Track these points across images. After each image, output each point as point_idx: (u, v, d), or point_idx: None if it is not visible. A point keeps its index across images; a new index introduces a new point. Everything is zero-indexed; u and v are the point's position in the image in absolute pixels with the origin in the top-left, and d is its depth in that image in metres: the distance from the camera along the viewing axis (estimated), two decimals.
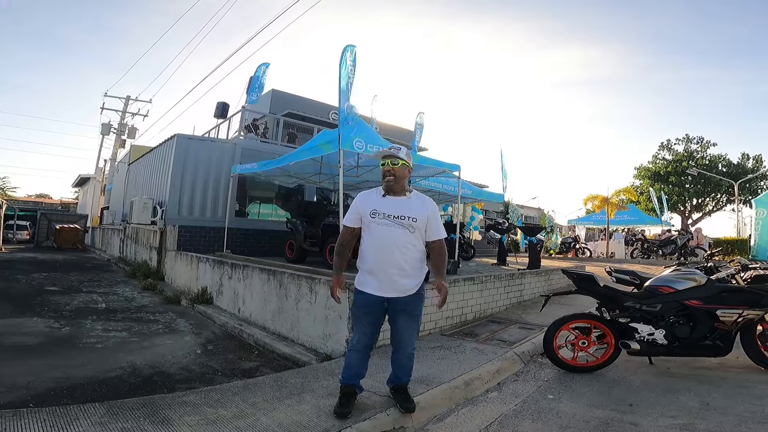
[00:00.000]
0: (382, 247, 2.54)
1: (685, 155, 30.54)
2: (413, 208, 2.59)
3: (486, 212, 22.31)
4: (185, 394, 2.93)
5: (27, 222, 23.56)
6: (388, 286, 2.55)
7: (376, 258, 2.57)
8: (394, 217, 2.55)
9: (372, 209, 2.59)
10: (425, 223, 2.59)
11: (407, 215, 2.56)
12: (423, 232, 2.60)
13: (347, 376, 2.71)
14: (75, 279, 9.60)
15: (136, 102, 26.28)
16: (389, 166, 2.59)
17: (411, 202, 2.62)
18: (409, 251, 2.57)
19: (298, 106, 14.69)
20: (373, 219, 2.57)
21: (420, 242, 2.63)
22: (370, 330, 2.66)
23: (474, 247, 11.09)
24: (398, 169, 2.60)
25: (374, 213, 2.57)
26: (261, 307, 5.59)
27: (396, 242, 2.53)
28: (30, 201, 34.81)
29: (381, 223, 2.55)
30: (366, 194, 2.72)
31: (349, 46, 5.82)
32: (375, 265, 2.57)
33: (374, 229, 2.57)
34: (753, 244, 13.75)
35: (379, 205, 2.59)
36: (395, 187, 2.61)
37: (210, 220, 9.51)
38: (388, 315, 2.64)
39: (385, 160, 2.60)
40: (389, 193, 2.63)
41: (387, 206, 2.58)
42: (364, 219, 2.61)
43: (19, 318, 5.64)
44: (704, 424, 2.75)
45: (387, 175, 2.59)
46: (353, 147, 5.47)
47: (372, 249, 2.58)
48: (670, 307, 3.69)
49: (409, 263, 2.58)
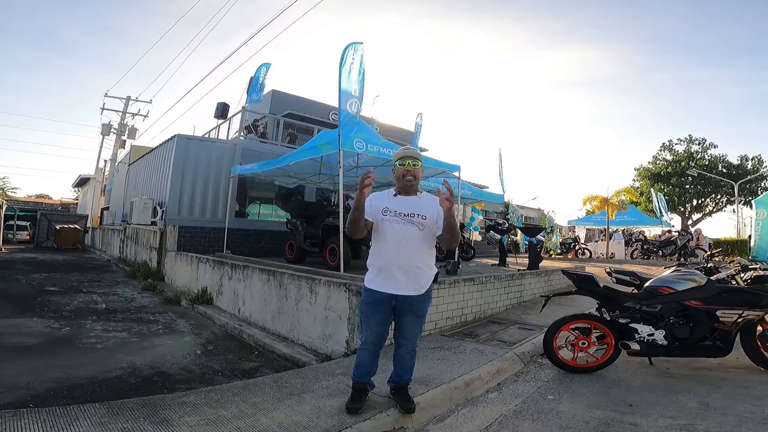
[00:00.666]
0: (393, 245, 2.57)
1: (685, 156, 30.57)
2: (423, 206, 2.63)
3: (486, 213, 22.30)
4: (185, 395, 2.93)
5: (27, 222, 23.56)
6: (398, 284, 2.58)
7: (386, 256, 2.60)
8: (405, 215, 2.60)
9: (384, 207, 2.63)
10: (435, 219, 2.61)
11: (417, 213, 2.60)
12: (433, 229, 2.62)
13: (358, 374, 2.75)
14: (75, 279, 9.60)
15: (136, 102, 26.31)
16: (410, 166, 2.63)
17: (422, 201, 2.66)
18: (419, 249, 2.61)
19: (298, 106, 14.70)
20: (385, 216, 2.61)
21: (431, 240, 2.66)
22: (378, 328, 2.68)
23: (474, 248, 11.08)
24: (418, 170, 2.66)
25: (386, 211, 2.62)
26: (261, 307, 5.59)
27: (407, 240, 2.57)
28: (30, 201, 34.84)
29: (392, 221, 2.60)
30: (378, 194, 2.76)
31: (351, 44, 5.81)
32: (385, 263, 2.60)
33: (385, 227, 2.61)
34: (753, 245, 13.76)
35: (390, 204, 2.64)
36: (413, 188, 2.66)
37: (210, 221, 9.51)
38: (394, 313, 2.65)
39: (406, 160, 2.64)
40: (403, 193, 2.67)
41: (398, 205, 2.63)
42: (376, 216, 2.63)
43: (19, 318, 5.64)
44: (704, 425, 2.74)
45: (407, 175, 2.63)
46: (353, 147, 5.48)
47: (383, 247, 2.62)
48: (670, 308, 3.68)
49: (420, 261, 2.61)
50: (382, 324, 2.68)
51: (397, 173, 2.67)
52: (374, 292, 2.64)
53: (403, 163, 2.64)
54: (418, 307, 2.64)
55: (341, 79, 5.69)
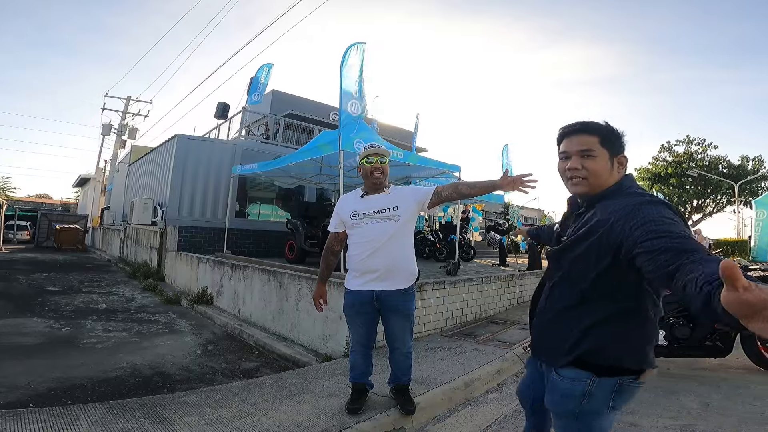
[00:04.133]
0: (368, 246, 2.50)
1: (685, 157, 30.56)
2: (392, 200, 2.55)
3: (486, 213, 22.28)
4: (185, 395, 2.93)
5: (27, 222, 23.57)
6: (379, 282, 2.52)
7: (362, 257, 2.53)
8: (375, 212, 2.52)
9: (352, 211, 2.55)
10: (409, 203, 2.55)
11: (389, 207, 2.52)
12: (412, 214, 2.56)
13: (354, 375, 2.74)
14: (75, 279, 9.60)
15: (136, 102, 26.32)
16: (378, 163, 2.55)
17: (390, 196, 2.58)
18: (397, 244, 2.52)
19: (299, 106, 14.71)
20: (354, 220, 2.54)
21: (407, 233, 2.59)
22: (364, 329, 2.64)
23: (474, 248, 11.09)
24: (386, 166, 2.59)
25: (354, 215, 2.54)
26: (261, 307, 5.59)
27: (380, 238, 2.49)
28: (30, 201, 34.80)
29: (363, 222, 2.52)
30: (344, 198, 2.70)
31: (354, 44, 5.81)
32: (362, 264, 2.53)
33: (357, 230, 2.54)
34: (753, 246, 13.75)
35: (358, 207, 2.56)
36: (381, 185, 2.58)
37: (210, 221, 9.51)
38: (381, 315, 2.62)
39: (373, 158, 2.56)
40: (371, 191, 2.59)
41: (366, 205, 2.55)
42: (346, 222, 2.58)
43: (19, 318, 5.64)
44: (704, 425, 2.75)
45: (375, 172, 2.54)
46: (354, 148, 5.47)
47: (357, 249, 2.55)
48: (671, 308, 3.69)
49: (399, 257, 2.54)
50: (368, 324, 2.64)
51: (365, 171, 2.57)
52: (355, 293, 2.58)
53: (371, 160, 2.55)
54: (403, 305, 2.58)
55: (342, 79, 5.68)
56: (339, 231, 2.65)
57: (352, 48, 5.78)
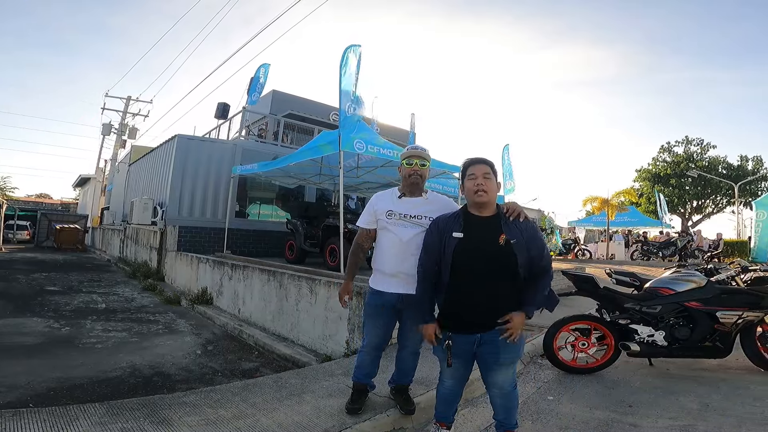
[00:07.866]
0: (400, 248, 2.49)
1: (684, 157, 30.57)
2: (429, 207, 2.53)
3: None
4: (185, 395, 2.93)
5: (27, 222, 23.56)
6: (404, 284, 2.50)
7: (391, 259, 2.52)
8: (411, 217, 2.50)
9: (388, 210, 2.54)
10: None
11: (424, 215, 2.50)
12: None
13: (358, 375, 2.72)
14: (75, 279, 9.60)
15: (136, 102, 26.37)
16: (417, 166, 2.54)
17: (428, 201, 2.57)
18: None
19: (299, 106, 14.70)
20: (389, 220, 2.52)
21: None
22: (382, 331, 2.64)
23: None
24: (425, 171, 2.57)
25: (390, 214, 2.53)
26: (261, 307, 5.59)
27: (413, 242, 2.46)
28: (30, 201, 34.79)
29: (397, 223, 2.51)
30: (381, 195, 2.67)
31: (351, 46, 5.82)
32: (390, 267, 2.53)
33: (390, 230, 2.52)
34: (753, 246, 13.77)
35: (395, 206, 2.54)
36: (418, 188, 2.58)
37: (210, 221, 9.52)
38: (400, 315, 2.61)
39: (413, 160, 2.55)
40: (408, 194, 2.58)
41: (403, 207, 2.53)
42: (380, 220, 2.56)
43: (19, 318, 5.65)
44: (704, 426, 2.75)
45: (413, 175, 2.53)
46: (354, 148, 5.48)
47: (388, 250, 2.54)
48: (670, 309, 3.68)
49: None
50: (386, 327, 2.64)
51: (404, 172, 2.57)
52: (381, 294, 2.57)
53: (410, 162, 2.54)
54: None
55: (341, 80, 5.69)
56: (371, 228, 2.62)
57: (349, 50, 5.79)
